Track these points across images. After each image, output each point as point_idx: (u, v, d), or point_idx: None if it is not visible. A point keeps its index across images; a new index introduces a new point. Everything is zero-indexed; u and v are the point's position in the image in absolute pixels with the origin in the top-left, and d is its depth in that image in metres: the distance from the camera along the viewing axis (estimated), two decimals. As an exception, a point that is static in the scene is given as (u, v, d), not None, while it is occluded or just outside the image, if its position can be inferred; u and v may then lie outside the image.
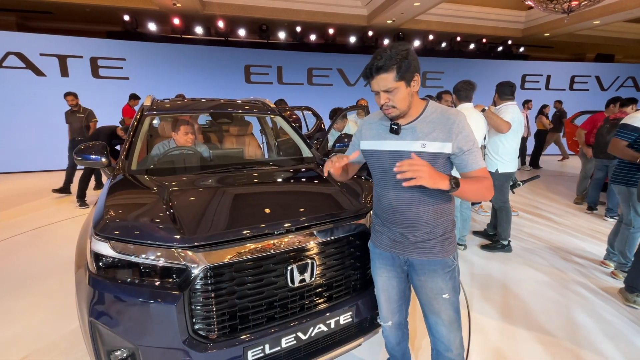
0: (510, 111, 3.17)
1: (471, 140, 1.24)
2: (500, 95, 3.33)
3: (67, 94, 5.30)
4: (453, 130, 1.22)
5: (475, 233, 3.88)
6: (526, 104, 7.73)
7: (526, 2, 6.03)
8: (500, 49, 10.82)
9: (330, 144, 3.28)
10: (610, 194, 4.39)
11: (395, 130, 1.28)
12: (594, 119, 5.05)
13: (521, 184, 3.57)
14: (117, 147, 4.75)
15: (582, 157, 5.18)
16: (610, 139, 3.08)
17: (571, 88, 10.93)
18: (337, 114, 4.03)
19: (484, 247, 3.52)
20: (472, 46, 10.51)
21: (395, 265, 1.43)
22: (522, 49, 11.28)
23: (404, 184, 1.10)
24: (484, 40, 10.54)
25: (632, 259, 2.64)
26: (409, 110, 1.26)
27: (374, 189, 1.46)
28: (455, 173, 1.31)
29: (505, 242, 3.45)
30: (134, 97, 6.74)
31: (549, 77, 10.84)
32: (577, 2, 5.42)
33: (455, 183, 1.14)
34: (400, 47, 1.18)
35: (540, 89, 10.74)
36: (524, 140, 7.98)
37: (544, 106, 7.91)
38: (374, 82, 1.22)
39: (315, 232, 1.50)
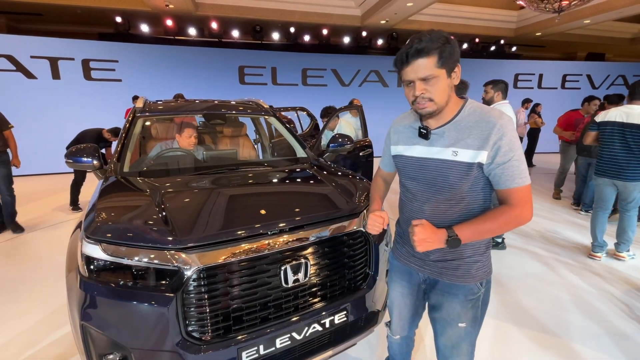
0: (505, 111, 3.20)
1: (512, 150, 1.02)
2: (503, 93, 3.28)
3: None
4: (492, 135, 1.02)
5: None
6: (525, 103, 7.82)
7: (518, 2, 6.09)
8: (492, 48, 10.91)
9: (323, 143, 3.28)
10: (588, 190, 4.49)
11: (424, 135, 1.12)
12: (568, 116, 5.22)
13: None
14: (102, 151, 4.68)
15: (561, 153, 5.34)
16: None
17: (563, 87, 11.06)
18: (332, 114, 4.02)
19: None
20: (465, 46, 10.58)
21: (412, 282, 1.32)
22: (514, 49, 11.39)
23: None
24: (477, 39, 10.62)
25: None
26: (444, 109, 1.09)
27: (400, 196, 1.34)
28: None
29: (499, 240, 3.50)
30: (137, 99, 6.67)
31: (541, 76, 10.95)
32: (567, 2, 5.48)
33: (452, 240, 1.02)
34: (440, 32, 1.01)
35: (532, 88, 10.85)
36: (520, 139, 8.04)
37: (536, 105, 8.00)
38: (409, 68, 1.02)
39: (309, 232, 1.49)
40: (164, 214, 1.46)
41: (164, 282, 1.28)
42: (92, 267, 1.31)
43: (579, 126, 4.91)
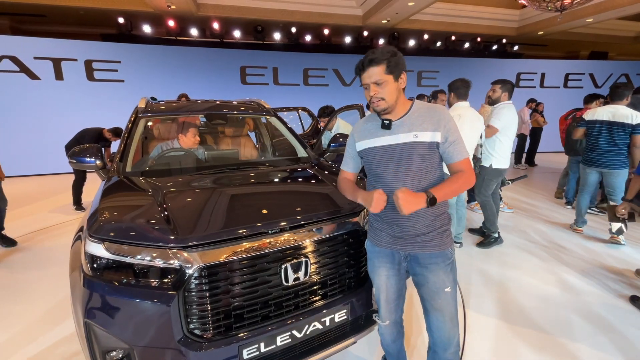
0: (505, 112, 3.21)
1: (456, 131, 1.34)
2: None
3: None
4: (441, 121, 1.31)
5: (471, 231, 3.90)
6: (529, 103, 7.81)
7: (520, 1, 6.07)
8: (494, 47, 10.88)
9: (324, 143, 3.30)
10: (569, 185, 4.78)
11: (387, 126, 1.35)
12: (564, 116, 5.27)
13: (510, 182, 3.75)
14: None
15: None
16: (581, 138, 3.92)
17: (565, 86, 11.01)
18: (332, 114, 4.03)
19: (479, 244, 3.57)
20: (466, 45, 10.56)
21: (395, 263, 1.46)
22: (516, 48, 11.36)
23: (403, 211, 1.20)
24: (479, 39, 10.60)
25: None
26: (397, 107, 1.34)
27: (368, 188, 1.49)
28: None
29: (496, 235, 3.55)
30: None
31: (543, 75, 10.91)
32: (569, 1, 5.46)
33: (431, 199, 1.23)
34: (390, 47, 1.31)
35: (535, 87, 10.81)
36: (524, 137, 8.02)
37: (538, 103, 7.98)
38: (365, 74, 1.30)
39: (309, 231, 1.51)
40: (166, 213, 1.47)
41: (166, 280, 1.30)
42: (95, 265, 1.33)
43: (561, 127, 4.98)
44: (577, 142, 4.47)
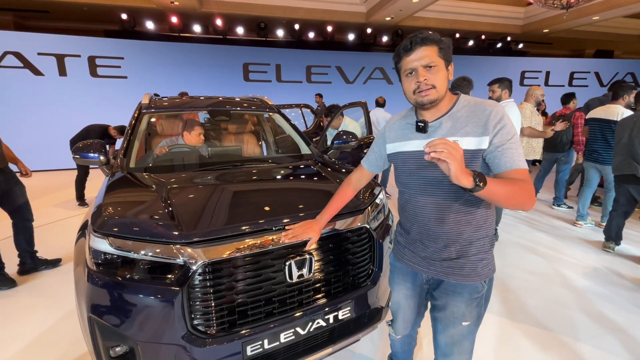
0: (513, 112, 3.19)
1: (510, 133, 1.04)
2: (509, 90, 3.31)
3: None
4: (490, 121, 1.05)
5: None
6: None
7: (525, -2, 6.02)
8: (499, 45, 10.81)
9: (328, 140, 3.28)
10: (559, 185, 4.78)
11: (422, 128, 1.12)
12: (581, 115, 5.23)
13: None
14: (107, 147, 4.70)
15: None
16: (560, 134, 4.34)
17: (570, 84, 10.93)
18: (335, 112, 4.02)
19: None
20: (470, 43, 10.49)
21: (416, 284, 1.32)
22: (521, 45, 11.27)
23: (427, 157, 0.91)
24: (483, 36, 10.52)
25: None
26: (441, 101, 1.10)
27: (399, 197, 1.33)
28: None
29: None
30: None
31: (548, 73, 10.84)
32: (575, -2, 5.41)
33: (480, 179, 0.90)
34: (436, 33, 1.10)
35: (539, 85, 10.73)
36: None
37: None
38: (413, 56, 1.06)
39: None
40: (170, 209, 1.47)
41: (170, 276, 1.30)
42: (99, 260, 1.33)
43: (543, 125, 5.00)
44: (557, 137, 4.46)
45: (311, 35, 9.56)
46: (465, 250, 1.14)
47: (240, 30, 9.06)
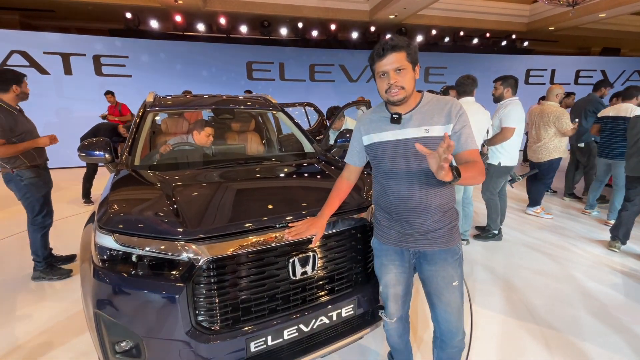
0: (513, 110, 3.16)
1: (466, 121, 1.29)
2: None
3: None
4: (452, 112, 1.27)
5: (478, 228, 3.87)
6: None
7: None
8: (504, 43, 10.71)
9: (331, 139, 3.28)
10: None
11: (396, 120, 1.30)
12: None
13: (520, 178, 3.74)
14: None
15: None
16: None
17: (576, 82, 10.82)
18: (336, 113, 4.02)
19: (476, 237, 3.62)
20: (475, 41, 10.42)
21: (404, 260, 1.44)
22: (526, 43, 11.17)
23: (428, 157, 1.06)
24: (488, 34, 10.44)
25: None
26: (409, 98, 1.28)
27: (375, 184, 1.46)
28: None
29: (496, 231, 3.55)
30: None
31: (553, 71, 10.74)
32: (582, -5, 5.35)
33: (457, 172, 1.10)
34: (403, 37, 1.26)
35: (544, 84, 10.64)
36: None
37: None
38: (385, 60, 1.23)
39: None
40: (174, 206, 1.48)
41: (174, 272, 1.31)
42: (105, 257, 1.34)
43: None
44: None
45: (315, 33, 9.54)
46: (442, 221, 1.35)
47: (244, 28, 9.06)
